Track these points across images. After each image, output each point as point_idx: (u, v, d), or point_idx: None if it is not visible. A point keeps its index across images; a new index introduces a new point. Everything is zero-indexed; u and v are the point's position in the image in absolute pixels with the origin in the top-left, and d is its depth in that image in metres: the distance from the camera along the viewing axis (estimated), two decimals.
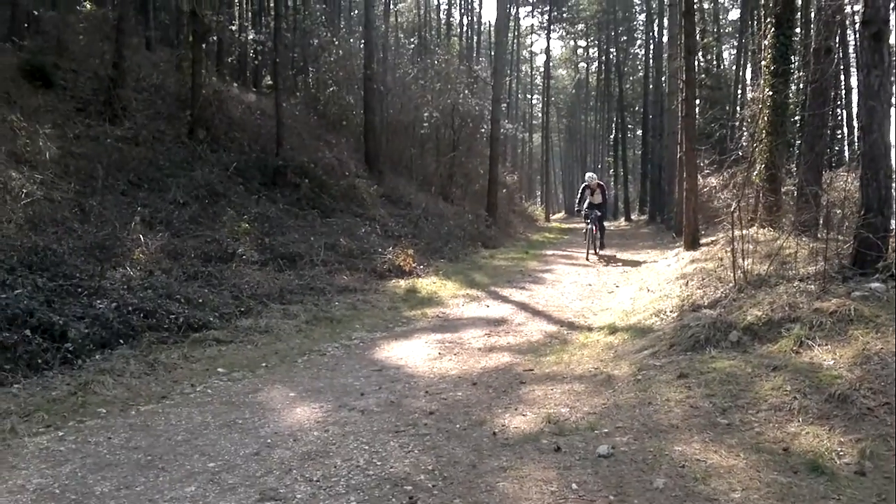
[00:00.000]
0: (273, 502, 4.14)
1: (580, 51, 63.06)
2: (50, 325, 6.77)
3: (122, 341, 7.30)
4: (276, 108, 17.32)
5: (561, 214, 60.53)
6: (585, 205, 17.04)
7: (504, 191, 29.64)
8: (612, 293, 11.86)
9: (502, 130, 27.75)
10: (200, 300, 8.73)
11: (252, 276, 10.57)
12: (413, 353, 7.91)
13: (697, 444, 4.71)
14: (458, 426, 5.40)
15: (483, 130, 27.99)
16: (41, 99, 13.09)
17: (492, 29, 47.18)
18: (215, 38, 19.52)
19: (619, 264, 16.17)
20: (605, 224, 18.69)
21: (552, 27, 55.90)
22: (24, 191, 9.84)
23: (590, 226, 16.95)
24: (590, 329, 8.87)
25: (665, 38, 31.99)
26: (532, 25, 61.68)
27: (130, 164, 12.93)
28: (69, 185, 11.16)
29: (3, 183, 9.77)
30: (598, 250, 17.28)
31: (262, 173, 15.98)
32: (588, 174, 17.74)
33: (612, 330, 8.40)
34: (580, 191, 17.45)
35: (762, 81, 13.52)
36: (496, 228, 22.93)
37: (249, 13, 26.38)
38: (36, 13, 15.31)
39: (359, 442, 5.10)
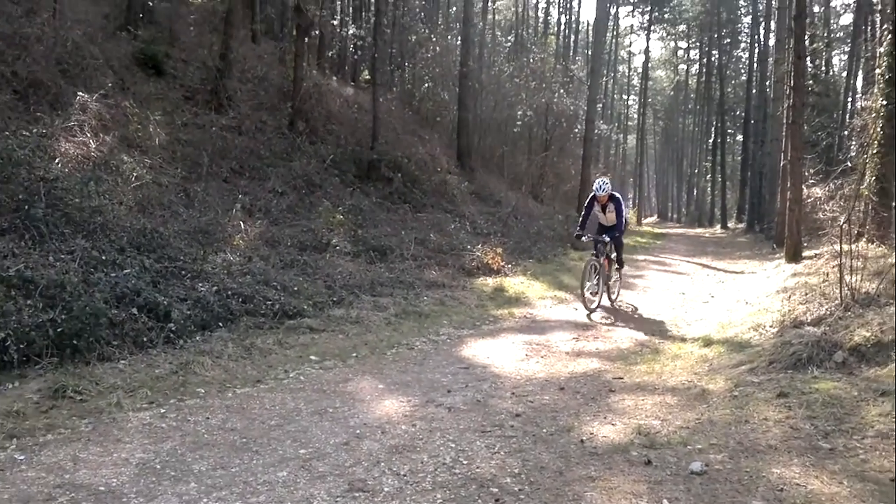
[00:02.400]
0: (361, 493, 4.18)
1: (680, 52, 61.38)
2: (155, 304, 7.08)
3: (220, 324, 7.56)
4: (373, 103, 17.57)
5: (653, 218, 59.21)
6: (589, 227, 10.94)
7: None
8: (707, 303, 11.50)
9: (596, 131, 27.35)
10: (295, 288, 8.95)
11: (344, 266, 10.76)
12: (499, 353, 7.88)
13: (797, 467, 4.50)
14: (544, 430, 5.33)
15: (577, 130, 27.65)
16: (152, 87, 13.71)
17: (590, 28, 46.54)
18: (317, 32, 19.95)
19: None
20: (629, 242, 14.34)
21: (652, 28, 54.70)
22: (135, 174, 10.30)
23: (592, 261, 10.46)
24: (683, 339, 8.62)
25: (772, 42, 30.78)
26: (631, 26, 60.55)
27: (233, 153, 13.40)
28: (176, 170, 11.65)
29: (115, 166, 10.25)
30: (611, 298, 11.02)
31: (356, 166, 16.28)
32: (598, 180, 10.68)
33: (707, 342, 8.14)
34: (586, 204, 10.83)
35: (876, 90, 12.81)
36: None
37: (350, 8, 26.85)
38: (150, 4, 16.02)
39: (445, 439, 5.11)
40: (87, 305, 6.40)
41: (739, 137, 48.64)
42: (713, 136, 48.21)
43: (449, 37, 26.43)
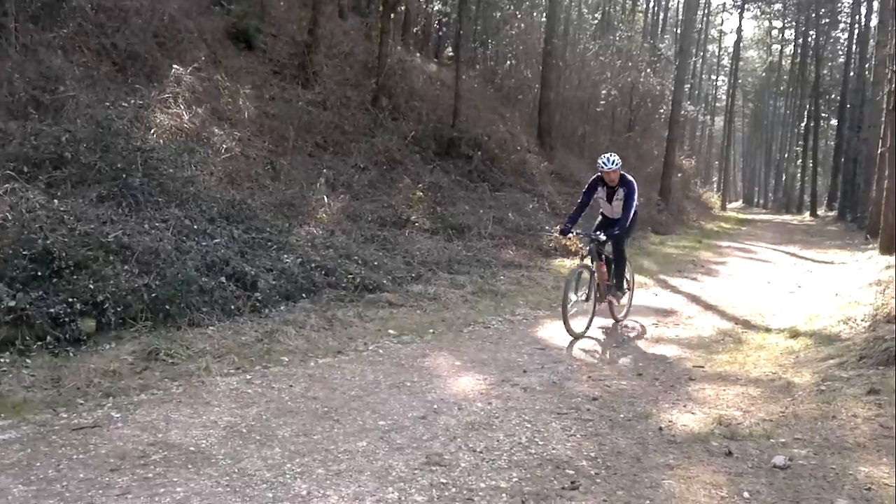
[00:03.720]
0: (438, 467, 4.25)
1: (775, 32, 58.81)
2: (243, 274, 7.31)
3: (304, 295, 7.77)
4: (456, 80, 17.53)
5: (738, 203, 57.38)
6: (590, 223, 8.69)
7: (679, 175, 28.45)
8: (793, 293, 11.12)
9: (683, 112, 26.63)
10: (375, 263, 9.10)
11: (423, 243, 10.86)
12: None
13: (886, 467, 4.34)
14: (621, 416, 5.29)
15: (662, 111, 26.98)
16: (243, 60, 14.02)
17: (679, 6, 45.07)
18: (403, 8, 19.99)
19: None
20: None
21: (746, 6, 52.50)
22: (224, 146, 10.61)
23: (581, 268, 7.79)
24: (767, 330, 8.37)
25: (873, 23, 29.17)
26: (724, 4, 58.17)
27: (318, 127, 13.62)
28: (263, 143, 11.93)
29: (206, 138, 10.58)
30: (616, 316, 8.42)
31: (437, 143, 16.30)
32: (603, 157, 7.82)
33: (793, 333, 7.88)
34: (585, 188, 8.19)
35: None
36: (668, 214, 22.14)
37: None
38: None
39: (521, 419, 5.13)
40: (180, 272, 6.67)
41: (834, 122, 46.43)
42: (806, 119, 46.18)
43: (534, 14, 26.07)
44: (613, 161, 7.60)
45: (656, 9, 47.71)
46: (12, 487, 3.70)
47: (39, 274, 5.90)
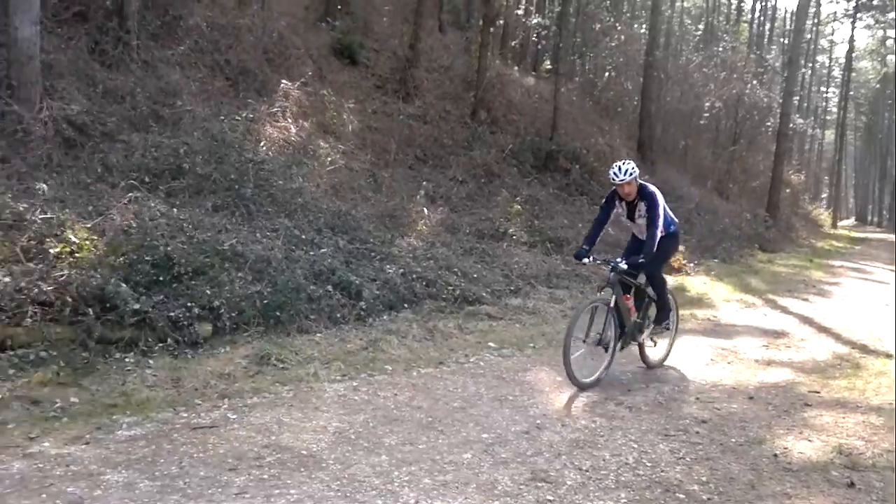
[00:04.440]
0: (544, 483, 4.21)
1: (889, 42, 55.74)
2: (348, 283, 7.48)
3: (406, 305, 7.88)
4: (555, 93, 17.46)
5: (850, 221, 54.61)
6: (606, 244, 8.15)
7: (787, 191, 27.33)
8: None
9: (792, 125, 25.56)
10: (475, 275, 9.13)
11: (521, 256, 10.83)
12: (681, 355, 7.59)
13: None
14: (733, 440, 5.10)
15: (769, 124, 25.99)
16: (347, 75, 14.41)
17: (786, 16, 43.46)
18: (502, 21, 20.07)
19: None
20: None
21: (859, 15, 50.04)
22: (329, 159, 10.91)
23: (594, 303, 6.33)
24: (888, 356, 7.89)
25: None
26: (834, 13, 55.68)
27: (418, 141, 13.83)
28: (366, 156, 12.20)
29: (312, 151, 10.91)
30: (646, 359, 6.97)
31: (534, 156, 16.25)
32: (614, 166, 6.34)
33: None
34: (603, 203, 6.91)
35: None
36: (776, 231, 21.28)
37: None
38: None
39: (627, 438, 5.03)
40: (290, 280, 6.89)
41: None
42: None
43: (635, 25, 25.69)
44: (626, 171, 6.14)
45: (762, 19, 46.19)
46: (139, 482, 3.88)
47: (160, 279, 6.20)
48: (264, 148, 9.70)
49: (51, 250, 5.92)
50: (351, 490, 3.94)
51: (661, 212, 6.32)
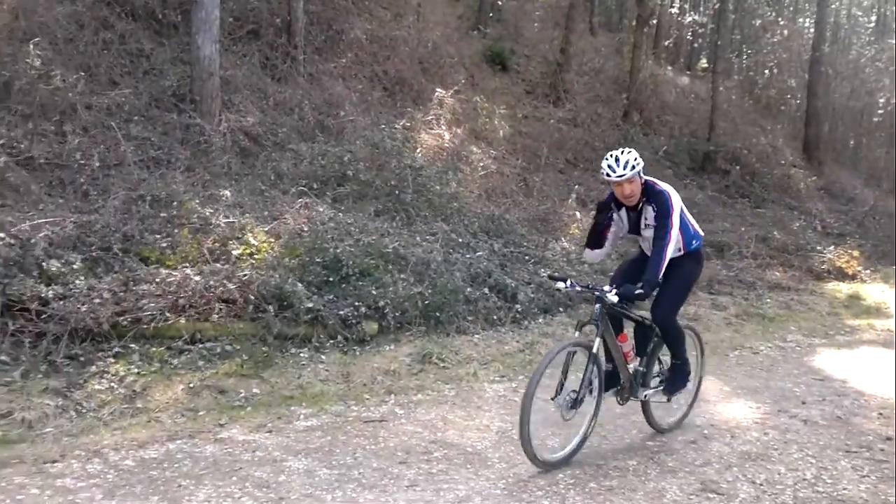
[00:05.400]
0: (715, 495, 4.08)
1: None
2: (504, 286, 7.55)
3: (561, 309, 7.87)
4: (713, 92, 16.78)
5: None
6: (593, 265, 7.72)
7: None
8: None
9: None
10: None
11: None
12: (861, 368, 7.09)
13: None
14: None
15: None
16: (498, 81, 14.55)
17: None
18: (655, 21, 19.55)
19: None
20: None
21: None
22: (482, 164, 11.06)
23: (576, 344, 4.37)
24: None
25: None
26: None
27: (568, 144, 13.73)
28: (516, 160, 12.26)
29: (465, 156, 11.11)
30: (659, 425, 5.04)
31: (690, 158, 15.72)
32: (610, 157, 4.37)
33: None
34: (597, 205, 4.77)
35: None
36: None
37: None
38: (499, 3, 16.97)
39: (803, 453, 4.77)
40: (448, 283, 7.06)
41: None
42: None
43: (798, 19, 24.19)
44: (626, 163, 4.29)
45: None
46: (318, 470, 4.12)
47: (330, 279, 6.55)
48: (420, 155, 9.99)
49: (233, 252, 6.42)
50: (517, 489, 3.99)
51: (675, 219, 4.39)
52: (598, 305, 4.36)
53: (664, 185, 4.57)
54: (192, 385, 5.23)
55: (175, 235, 6.43)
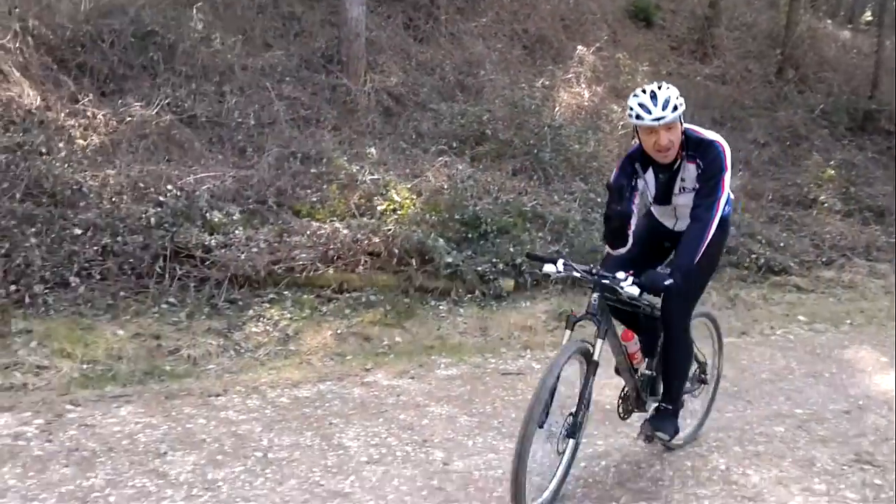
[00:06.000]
0: (871, 467, 3.90)
1: None
2: None
3: None
4: (877, 47, 15.47)
5: None
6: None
7: None
8: None
9: None
10: (781, 244, 8.54)
11: (834, 225, 9.87)
12: None
13: None
14: None
15: None
16: (641, 38, 14.05)
17: None
18: None
19: None
20: None
21: None
22: (621, 123, 10.77)
23: (574, 350, 3.23)
24: None
25: None
26: None
27: (715, 103, 13.08)
28: None
29: (605, 115, 10.86)
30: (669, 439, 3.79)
31: (849, 117, 14.55)
32: (640, 94, 3.19)
33: None
34: (614, 176, 3.50)
35: None
36: None
37: None
38: None
39: None
40: (586, 242, 7.01)
41: None
42: None
43: None
44: (665, 100, 3.15)
45: None
46: (458, 417, 4.27)
47: (469, 236, 6.66)
48: (559, 113, 9.87)
49: (378, 207, 6.66)
50: (659, 448, 3.96)
51: (727, 182, 3.34)
52: (595, 295, 3.23)
53: (712, 134, 3.45)
54: (339, 331, 5.50)
55: (324, 191, 6.76)
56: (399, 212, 6.67)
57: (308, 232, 6.13)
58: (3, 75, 6.52)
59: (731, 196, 3.53)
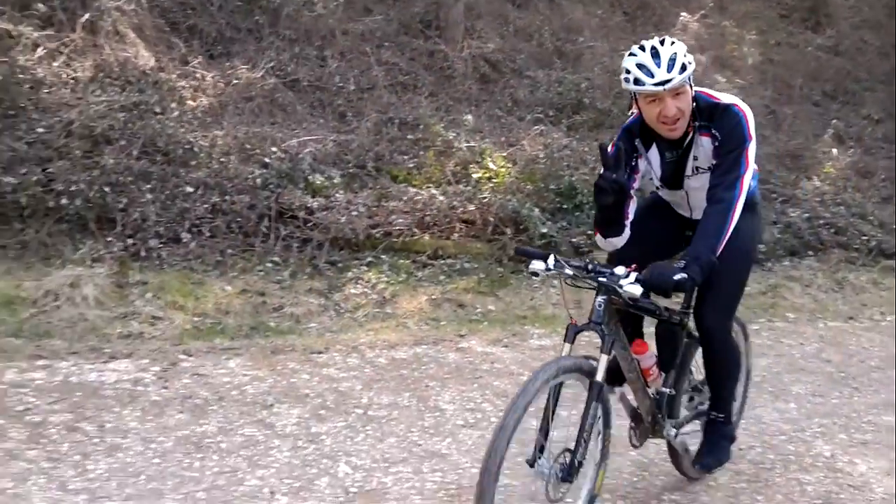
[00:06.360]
0: None
1: None
2: None
3: (810, 253, 7.34)
4: None
5: None
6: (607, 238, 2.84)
7: None
8: None
9: None
10: (893, 226, 8.09)
11: None
12: None
13: None
14: None
15: None
16: (749, 5, 13.39)
17: None
18: None
19: None
20: None
21: None
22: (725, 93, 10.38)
23: (567, 370, 2.59)
24: None
25: None
26: None
27: (827, 75, 12.44)
28: (765, 91, 11.34)
29: (709, 84, 10.38)
30: (688, 469, 3.23)
31: None
32: (638, 51, 2.55)
33: None
34: (616, 137, 2.91)
35: None
36: None
37: None
38: None
39: None
40: None
41: None
42: None
43: None
44: (670, 59, 2.52)
45: None
46: None
47: (564, 206, 6.59)
48: None
49: (473, 175, 6.65)
50: (757, 431, 3.88)
51: (752, 155, 2.68)
52: (601, 298, 2.55)
53: (728, 97, 2.79)
54: (434, 297, 5.58)
55: (421, 157, 6.80)
56: (494, 180, 6.65)
57: (405, 197, 6.20)
58: (119, 36, 6.79)
59: (756, 170, 2.81)
